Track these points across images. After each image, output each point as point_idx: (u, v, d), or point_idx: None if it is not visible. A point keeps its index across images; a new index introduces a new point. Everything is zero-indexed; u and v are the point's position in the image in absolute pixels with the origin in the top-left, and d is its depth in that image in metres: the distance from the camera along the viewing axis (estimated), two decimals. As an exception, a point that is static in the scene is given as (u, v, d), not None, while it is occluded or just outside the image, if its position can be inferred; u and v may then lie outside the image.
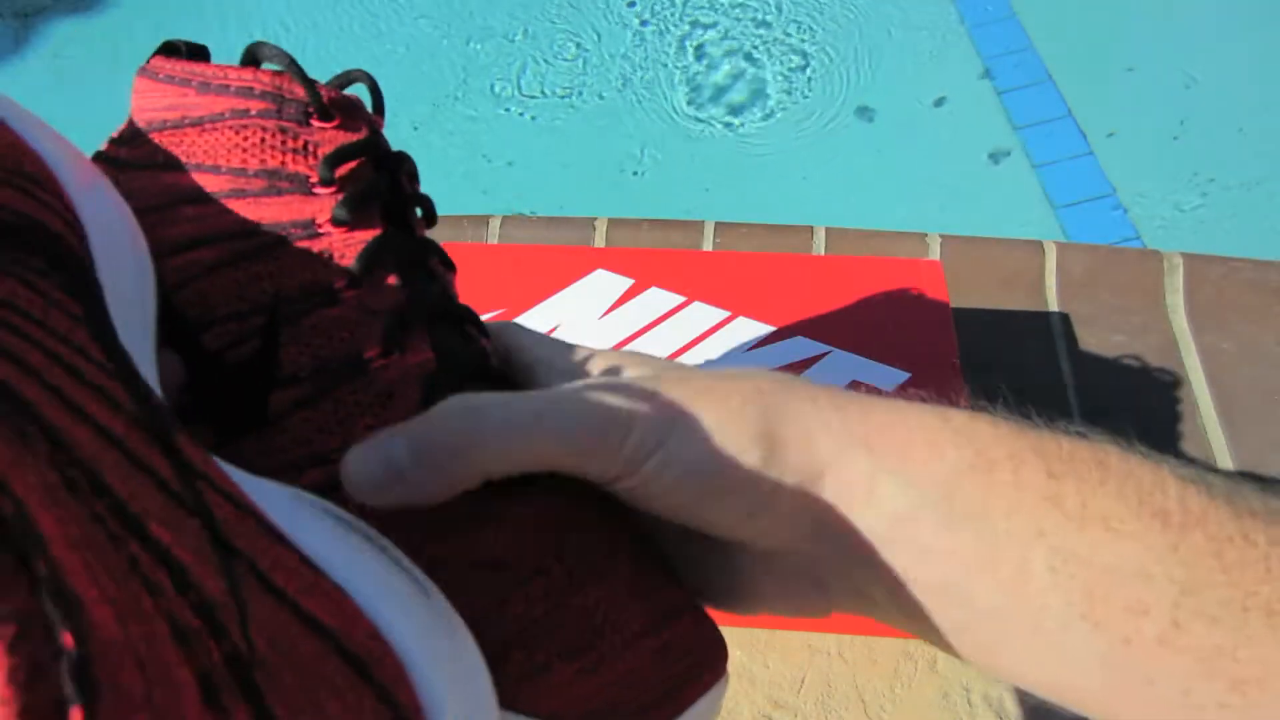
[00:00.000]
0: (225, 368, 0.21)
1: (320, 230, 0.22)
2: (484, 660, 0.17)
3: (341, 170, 0.23)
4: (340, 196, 0.23)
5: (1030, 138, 1.34)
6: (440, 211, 0.30)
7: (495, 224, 0.82)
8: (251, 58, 0.24)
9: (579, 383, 0.22)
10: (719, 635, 0.24)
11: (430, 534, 0.20)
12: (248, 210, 0.22)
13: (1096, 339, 0.72)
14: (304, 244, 0.22)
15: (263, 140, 0.23)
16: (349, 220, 0.23)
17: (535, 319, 0.58)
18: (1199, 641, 0.19)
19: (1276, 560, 0.19)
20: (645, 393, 0.21)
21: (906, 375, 0.54)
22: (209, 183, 0.22)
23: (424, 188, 0.28)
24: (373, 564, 0.16)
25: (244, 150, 0.22)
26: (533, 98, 1.46)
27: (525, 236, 0.82)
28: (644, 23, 1.55)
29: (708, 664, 0.22)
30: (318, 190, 0.23)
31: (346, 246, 0.22)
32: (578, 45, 1.52)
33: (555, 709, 0.19)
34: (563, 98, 1.46)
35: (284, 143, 0.23)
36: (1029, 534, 0.20)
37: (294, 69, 0.23)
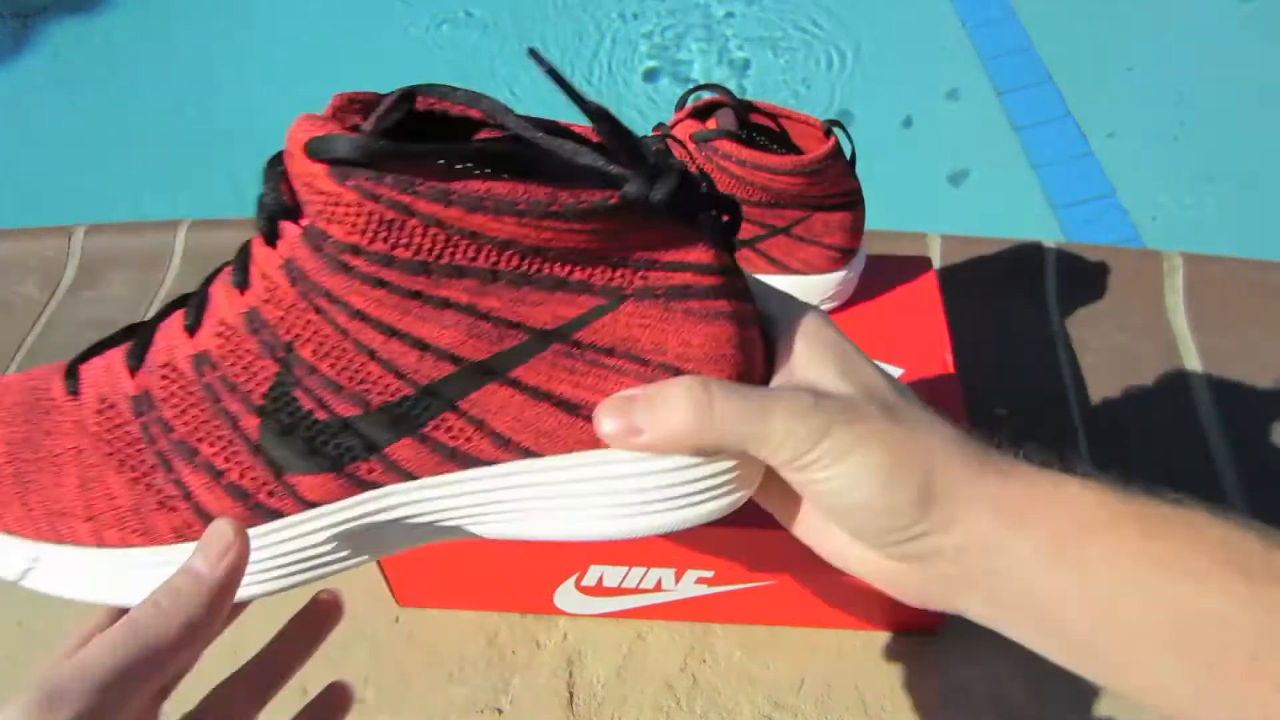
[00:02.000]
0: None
1: None
2: None
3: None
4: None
5: (1030, 138, 1.34)
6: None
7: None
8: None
9: (784, 393, 0.27)
10: None
11: None
12: None
13: (1096, 339, 0.72)
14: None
15: None
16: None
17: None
18: (1276, 670, 0.22)
19: None
20: (836, 416, 0.26)
21: (900, 370, 0.54)
22: None
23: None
24: None
25: None
26: (518, 92, 1.46)
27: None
28: (634, 16, 1.55)
29: None
30: None
31: None
32: (560, 42, 1.52)
33: None
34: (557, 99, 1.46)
35: None
36: (1125, 581, 0.24)
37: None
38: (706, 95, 0.50)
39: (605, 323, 0.26)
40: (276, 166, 0.25)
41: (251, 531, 0.27)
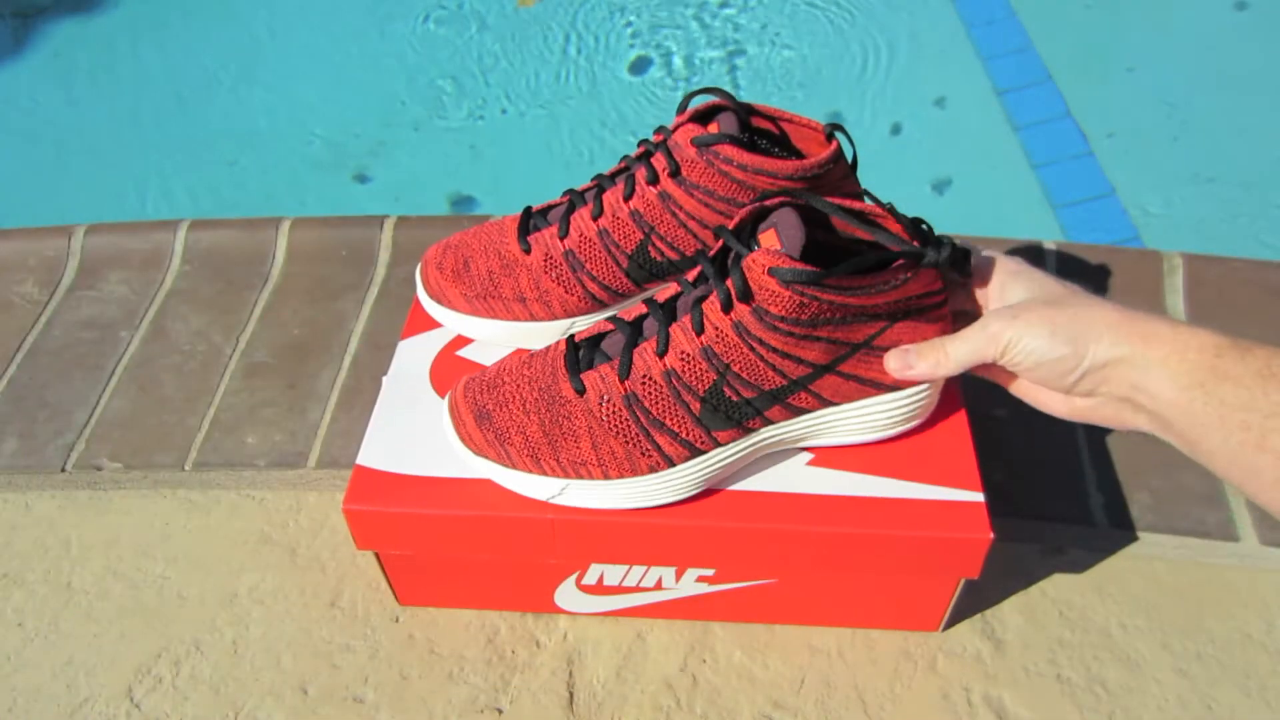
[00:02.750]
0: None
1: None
2: None
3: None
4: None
5: (1030, 138, 1.34)
6: (439, 210, 0.30)
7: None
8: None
9: (975, 323, 0.44)
10: None
11: None
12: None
13: (1096, 339, 0.72)
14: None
15: None
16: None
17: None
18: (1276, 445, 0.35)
19: None
20: (1005, 316, 0.42)
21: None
22: None
23: (426, 185, 0.28)
24: None
25: None
26: (517, 97, 1.46)
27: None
28: (625, 10, 1.55)
29: None
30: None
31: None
32: (557, 47, 1.52)
33: None
34: (546, 97, 1.46)
35: None
36: (1236, 405, 0.36)
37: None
38: (707, 99, 0.50)
39: (888, 333, 0.45)
40: (738, 270, 0.43)
41: (690, 462, 0.47)
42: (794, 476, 0.50)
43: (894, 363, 0.46)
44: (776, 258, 0.42)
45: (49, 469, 0.67)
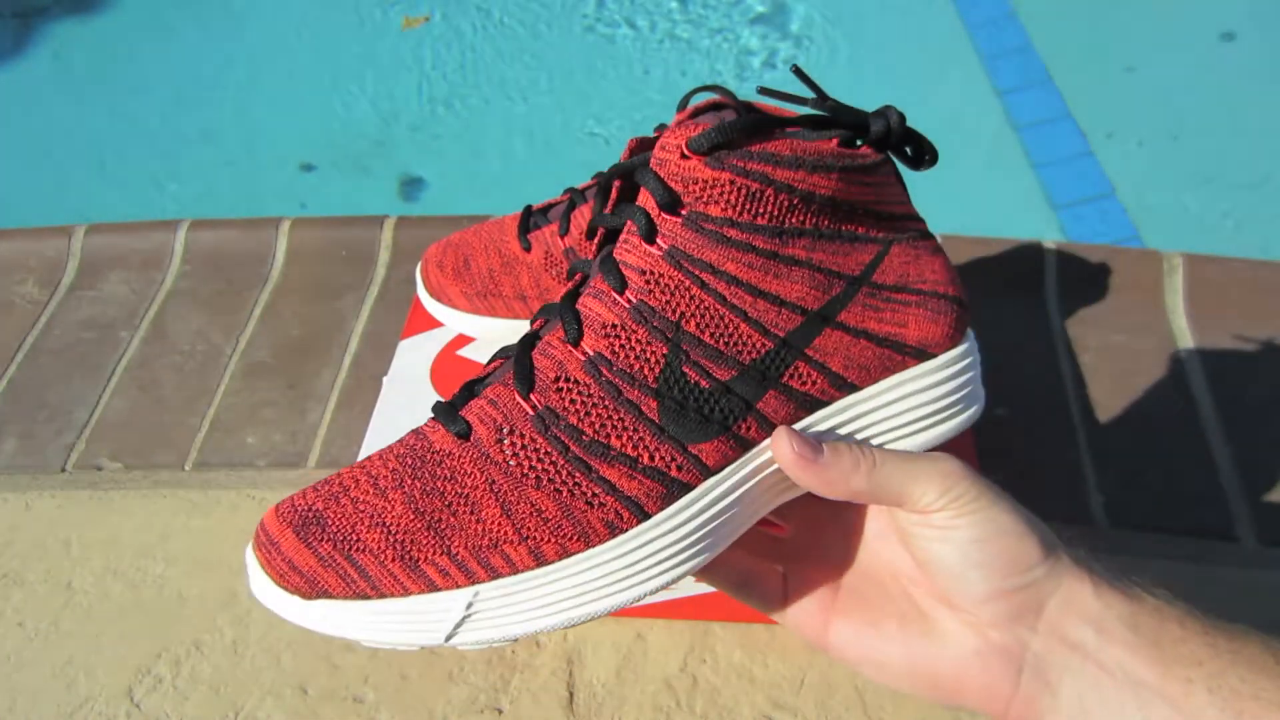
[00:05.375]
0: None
1: None
2: None
3: None
4: None
5: (1030, 138, 1.34)
6: (446, 210, 0.30)
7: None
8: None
9: (938, 455, 0.32)
10: None
11: None
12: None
13: (1096, 339, 0.72)
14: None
15: None
16: None
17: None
18: None
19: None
20: (983, 481, 0.31)
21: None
22: None
23: (429, 184, 0.28)
24: None
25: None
26: (521, 95, 1.46)
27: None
28: (632, 23, 1.55)
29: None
30: None
31: None
32: (553, 50, 1.52)
33: None
34: (544, 94, 1.46)
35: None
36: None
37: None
38: (708, 96, 0.50)
39: (886, 264, 0.32)
40: (648, 175, 0.30)
41: (672, 507, 0.30)
42: (794, 476, 0.50)
43: (783, 442, 0.31)
44: (690, 129, 0.29)
45: (49, 469, 0.67)
